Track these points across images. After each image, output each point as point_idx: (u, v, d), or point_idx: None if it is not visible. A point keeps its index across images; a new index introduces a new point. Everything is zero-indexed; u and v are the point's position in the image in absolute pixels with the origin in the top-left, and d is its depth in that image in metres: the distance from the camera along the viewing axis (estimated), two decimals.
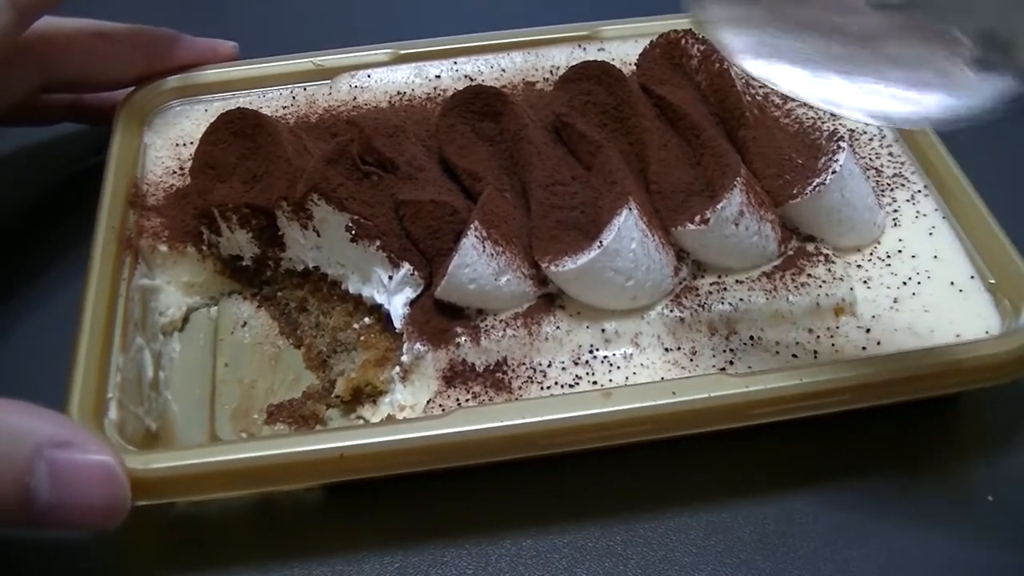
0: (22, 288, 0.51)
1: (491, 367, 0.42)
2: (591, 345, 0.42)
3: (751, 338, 0.43)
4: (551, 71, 0.53)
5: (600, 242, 0.41)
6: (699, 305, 0.43)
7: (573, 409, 0.38)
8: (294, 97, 0.53)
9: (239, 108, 0.48)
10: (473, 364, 0.42)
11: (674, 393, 0.39)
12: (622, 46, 0.54)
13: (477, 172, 0.45)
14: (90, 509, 0.35)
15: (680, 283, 0.44)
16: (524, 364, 0.42)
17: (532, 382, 0.42)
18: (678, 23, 0.52)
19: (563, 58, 0.53)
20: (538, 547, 0.40)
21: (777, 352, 0.42)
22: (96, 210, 0.46)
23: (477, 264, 0.42)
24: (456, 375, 0.42)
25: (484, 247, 0.42)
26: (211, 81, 0.53)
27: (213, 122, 0.48)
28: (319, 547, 0.41)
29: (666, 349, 0.42)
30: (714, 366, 0.42)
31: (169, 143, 0.51)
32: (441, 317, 0.43)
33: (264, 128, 0.47)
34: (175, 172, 0.49)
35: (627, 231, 0.42)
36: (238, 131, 0.47)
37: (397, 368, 0.43)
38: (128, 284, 0.44)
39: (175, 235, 0.47)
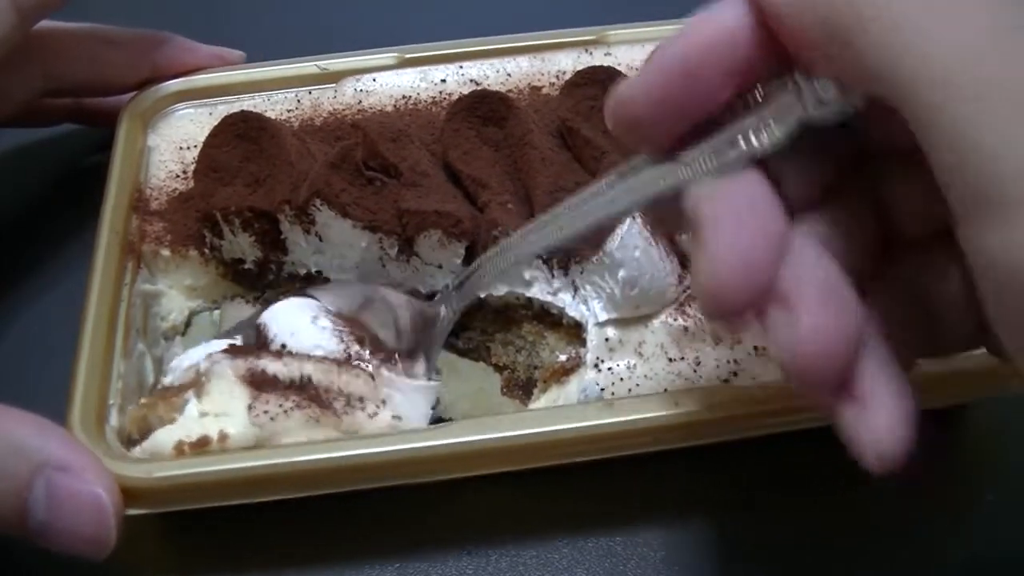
0: (21, 288, 0.51)
1: None
2: (597, 357, 0.42)
3: (755, 348, 0.42)
4: (557, 76, 0.53)
5: (603, 250, 0.41)
6: (703, 314, 0.43)
7: (576, 420, 0.38)
8: (299, 101, 0.53)
9: (243, 111, 0.48)
10: None
11: (677, 404, 0.39)
12: (629, 51, 0.54)
13: (482, 178, 0.45)
14: (76, 537, 0.35)
15: (684, 291, 0.44)
16: None
17: None
18: None
19: (569, 62, 0.53)
20: (538, 547, 0.40)
21: None
22: (98, 212, 0.46)
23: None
24: None
25: None
26: (215, 84, 0.53)
27: (217, 125, 0.48)
28: (319, 550, 0.41)
29: (670, 359, 0.42)
30: (718, 376, 0.41)
31: (173, 146, 0.51)
32: None
33: (268, 131, 0.47)
34: (178, 176, 0.49)
35: (630, 239, 0.42)
36: (242, 134, 0.47)
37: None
38: (130, 289, 0.44)
39: (177, 239, 0.47)
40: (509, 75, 0.53)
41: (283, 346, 0.41)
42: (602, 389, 0.41)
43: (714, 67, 0.29)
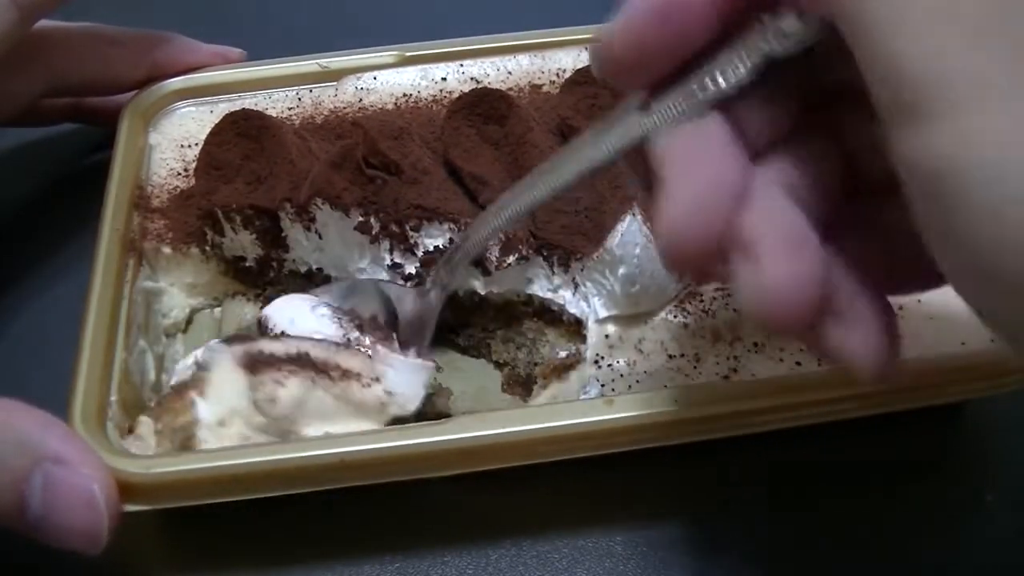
0: (21, 288, 0.51)
1: None
2: (597, 354, 0.42)
3: (755, 344, 0.42)
4: (557, 74, 0.53)
5: (604, 247, 0.41)
6: (703, 311, 0.43)
7: (575, 417, 0.38)
8: (299, 99, 0.53)
9: (244, 109, 0.48)
10: None
11: (676, 401, 0.39)
12: None
13: (482, 176, 0.45)
14: (70, 530, 0.35)
15: (684, 288, 0.44)
16: None
17: None
18: None
19: (569, 61, 0.53)
20: (538, 547, 0.40)
21: (781, 359, 0.42)
22: (99, 211, 0.46)
23: None
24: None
25: None
26: (217, 82, 0.53)
27: (218, 123, 0.48)
28: (319, 548, 0.41)
29: (670, 356, 0.42)
30: (717, 373, 0.41)
31: (174, 144, 0.51)
32: None
33: (269, 129, 0.47)
34: (180, 174, 0.49)
35: (631, 236, 0.42)
36: (243, 132, 0.47)
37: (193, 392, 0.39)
38: (131, 287, 0.44)
39: (179, 237, 0.47)
40: (510, 73, 0.53)
41: (283, 332, 0.41)
42: (602, 385, 0.41)
43: (686, 8, 0.29)
